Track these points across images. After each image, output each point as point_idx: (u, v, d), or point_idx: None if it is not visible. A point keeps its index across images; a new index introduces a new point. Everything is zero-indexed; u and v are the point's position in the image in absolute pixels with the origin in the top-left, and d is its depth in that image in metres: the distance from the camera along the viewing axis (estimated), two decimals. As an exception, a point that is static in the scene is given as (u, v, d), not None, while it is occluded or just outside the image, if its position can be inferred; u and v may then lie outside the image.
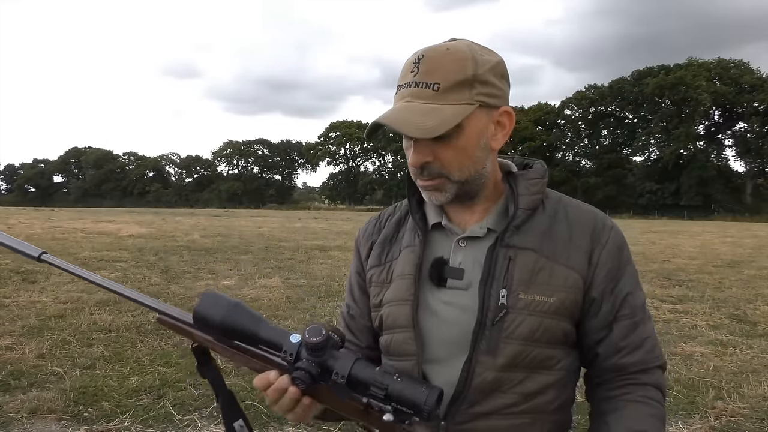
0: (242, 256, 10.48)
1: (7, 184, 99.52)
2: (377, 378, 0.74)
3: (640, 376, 0.92)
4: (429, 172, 0.89)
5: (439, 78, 0.84)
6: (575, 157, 65.54)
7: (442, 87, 0.84)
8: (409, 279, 0.95)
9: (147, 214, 33.24)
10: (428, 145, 0.87)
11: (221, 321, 0.80)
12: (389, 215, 1.08)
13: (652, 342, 0.94)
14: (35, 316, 5.18)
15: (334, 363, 0.75)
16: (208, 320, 0.81)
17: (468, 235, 0.94)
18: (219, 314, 0.80)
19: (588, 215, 0.96)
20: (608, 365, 0.93)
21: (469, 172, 0.90)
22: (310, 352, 0.75)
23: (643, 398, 0.90)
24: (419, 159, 0.87)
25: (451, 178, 0.89)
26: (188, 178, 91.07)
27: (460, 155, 0.88)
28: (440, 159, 0.87)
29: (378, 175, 78.25)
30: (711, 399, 3.42)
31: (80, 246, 11.47)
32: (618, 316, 0.92)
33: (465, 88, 0.85)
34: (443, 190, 0.90)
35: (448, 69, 0.85)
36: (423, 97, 0.85)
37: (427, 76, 0.85)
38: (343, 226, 22.94)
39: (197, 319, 0.82)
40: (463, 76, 0.85)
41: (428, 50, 0.87)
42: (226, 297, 0.82)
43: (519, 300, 0.88)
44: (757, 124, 53.27)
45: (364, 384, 0.75)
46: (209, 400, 3.28)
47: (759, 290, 7.54)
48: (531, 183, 0.94)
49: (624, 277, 0.93)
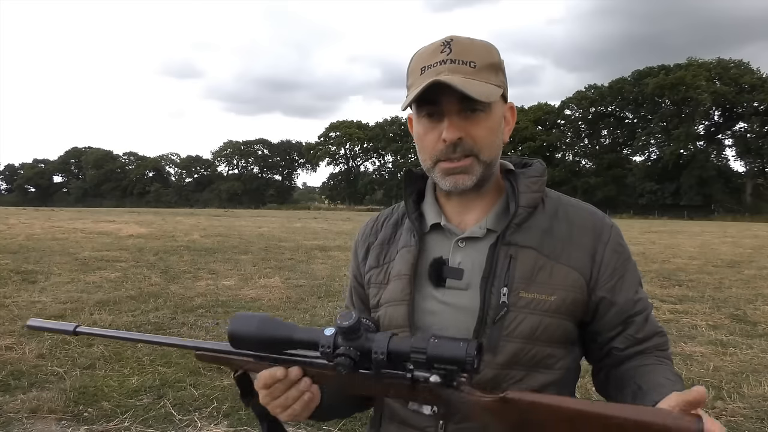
0: (242, 256, 10.48)
1: (7, 184, 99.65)
2: (415, 345, 0.75)
3: (657, 352, 0.95)
4: (462, 148, 0.89)
5: (474, 58, 0.88)
6: (575, 157, 65.53)
7: (478, 65, 0.88)
8: (405, 279, 0.95)
9: (147, 214, 33.24)
10: (461, 122, 0.88)
11: (256, 334, 0.82)
12: (386, 217, 1.08)
13: (661, 327, 0.98)
14: (35, 316, 5.17)
15: (371, 343, 0.77)
16: (243, 337, 0.83)
17: (467, 236, 0.95)
18: (252, 328, 0.83)
19: (587, 214, 0.97)
20: (626, 354, 0.95)
21: (493, 155, 0.92)
22: (345, 336, 0.77)
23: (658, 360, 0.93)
24: (456, 133, 0.88)
25: (480, 157, 0.90)
26: (188, 178, 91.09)
27: (489, 135, 0.90)
28: (472, 136, 0.89)
29: (378, 175, 78.24)
30: (711, 399, 3.42)
31: (80, 246, 11.46)
32: (633, 312, 0.94)
33: (494, 71, 0.90)
34: (470, 173, 0.91)
35: (480, 53, 0.89)
36: (462, 72, 0.87)
37: (462, 55, 0.88)
38: (343, 226, 22.94)
39: (233, 339, 0.84)
40: (492, 60, 0.90)
41: (454, 36, 0.90)
42: (254, 314, 0.85)
43: (520, 298, 0.88)
44: (757, 124, 53.24)
45: (404, 355, 0.75)
46: (209, 400, 3.28)
47: (759, 290, 7.54)
48: (531, 181, 0.95)
49: (629, 273, 0.95)
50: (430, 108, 0.89)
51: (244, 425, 2.99)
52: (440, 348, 0.73)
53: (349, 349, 0.77)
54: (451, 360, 0.73)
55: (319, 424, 3.00)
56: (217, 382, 3.55)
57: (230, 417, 3.09)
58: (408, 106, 0.91)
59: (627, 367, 0.94)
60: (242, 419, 3.06)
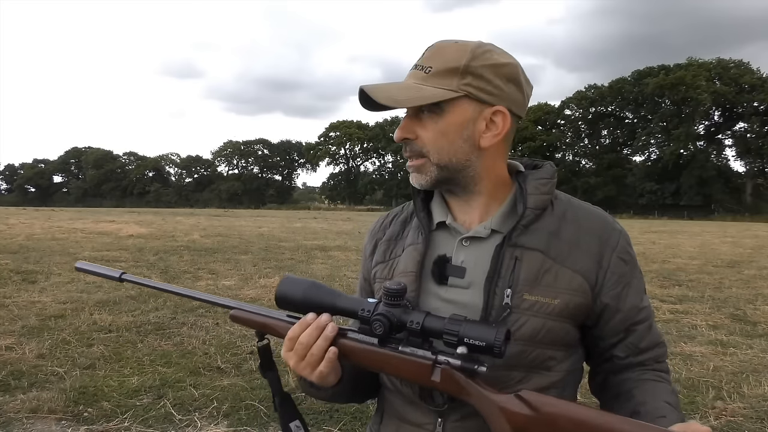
0: (242, 256, 10.49)
1: (7, 184, 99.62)
2: (448, 324, 0.79)
3: (655, 365, 0.96)
4: (410, 149, 0.93)
5: (434, 63, 0.90)
6: (575, 157, 65.51)
7: (432, 71, 0.90)
8: (411, 276, 0.95)
9: (147, 214, 33.25)
10: (412, 124, 0.92)
11: (303, 297, 0.88)
12: (396, 214, 1.10)
13: (662, 338, 0.98)
14: (35, 316, 5.18)
15: (408, 316, 0.82)
16: (290, 299, 0.89)
17: (471, 235, 0.95)
18: (300, 291, 0.88)
19: (597, 218, 0.96)
20: (627, 363, 0.95)
21: (447, 157, 0.92)
22: (387, 300, 0.82)
23: (658, 377, 0.94)
24: (401, 134, 0.93)
25: (431, 159, 0.92)
26: (188, 178, 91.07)
27: (438, 138, 0.91)
28: (421, 138, 0.92)
29: (378, 175, 78.25)
30: (711, 399, 3.42)
31: (80, 246, 11.47)
32: (636, 320, 0.94)
33: (453, 75, 0.89)
34: (422, 172, 0.93)
35: (445, 57, 0.90)
36: (415, 78, 0.91)
37: (427, 60, 0.91)
38: (343, 226, 22.95)
39: (280, 299, 0.90)
40: (454, 64, 0.89)
41: (442, 41, 0.93)
42: (303, 278, 0.90)
43: (523, 300, 0.88)
44: (757, 124, 53.22)
45: (437, 332, 0.80)
46: (209, 400, 3.28)
47: (759, 290, 7.54)
48: (540, 183, 0.95)
49: (635, 280, 0.95)
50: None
51: (244, 425, 2.99)
52: (472, 329, 0.78)
53: (389, 312, 0.81)
54: (481, 338, 0.77)
55: (319, 423, 3.00)
56: (217, 382, 3.55)
57: (230, 417, 3.09)
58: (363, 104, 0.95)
59: (626, 378, 0.94)
60: (242, 419, 3.06)
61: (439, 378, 0.81)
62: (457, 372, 0.80)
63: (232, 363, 3.96)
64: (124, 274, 1.01)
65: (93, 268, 1.04)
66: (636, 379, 0.93)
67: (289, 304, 0.89)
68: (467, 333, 0.77)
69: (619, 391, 0.94)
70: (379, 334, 0.82)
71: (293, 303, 0.88)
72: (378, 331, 0.81)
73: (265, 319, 0.93)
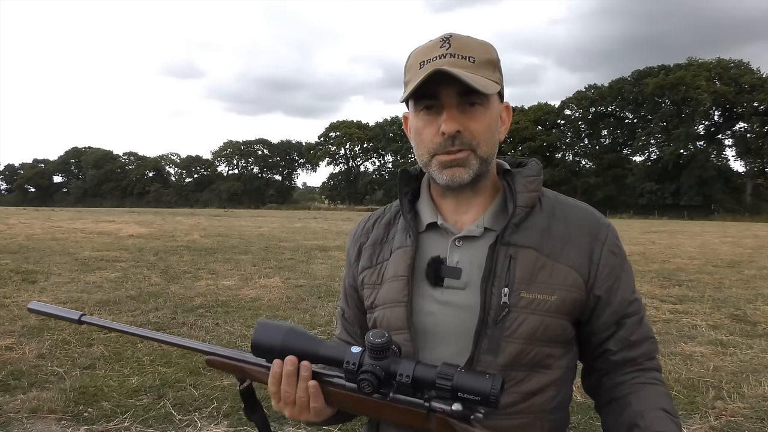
0: (242, 256, 10.48)
1: (7, 184, 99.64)
2: (441, 372, 0.75)
3: (646, 363, 0.95)
4: (461, 141, 0.88)
5: (473, 53, 0.89)
6: (575, 157, 65.49)
7: (477, 61, 0.88)
8: (403, 280, 0.94)
9: (147, 214, 33.24)
10: (459, 115, 0.88)
11: (282, 345, 0.82)
12: (378, 217, 1.07)
13: (652, 332, 0.98)
14: (35, 316, 5.18)
15: (397, 366, 0.77)
16: (266, 348, 0.83)
17: (464, 235, 0.94)
18: (278, 339, 0.83)
19: (585, 213, 0.97)
20: (619, 358, 0.95)
21: (490, 151, 0.92)
22: (373, 354, 0.77)
23: (653, 380, 0.94)
24: (454, 126, 0.87)
25: (478, 152, 0.90)
26: (188, 178, 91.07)
27: (487, 130, 0.90)
28: (470, 130, 0.89)
29: (378, 175, 78.22)
30: (711, 399, 3.42)
31: (80, 246, 11.46)
32: (627, 313, 0.94)
33: (492, 68, 0.90)
34: (467, 166, 0.90)
35: (478, 49, 0.90)
36: (462, 66, 0.87)
37: (462, 50, 0.88)
38: (343, 226, 22.93)
39: (256, 348, 0.84)
40: (489, 57, 0.90)
41: (453, 33, 0.91)
42: (279, 323, 0.85)
43: (521, 299, 0.88)
44: (757, 124, 53.19)
45: (429, 382, 0.76)
46: (209, 400, 3.28)
47: (759, 290, 7.54)
48: (528, 180, 0.95)
49: (625, 273, 0.95)
50: (429, 101, 0.89)
51: (244, 425, 2.99)
52: (467, 379, 0.74)
53: (375, 367, 0.77)
54: (476, 392, 0.74)
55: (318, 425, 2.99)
56: (217, 382, 3.55)
57: (230, 417, 3.09)
58: (407, 99, 0.91)
59: (620, 381, 0.94)
60: (242, 419, 3.06)
61: (434, 425, 0.78)
62: (452, 420, 0.77)
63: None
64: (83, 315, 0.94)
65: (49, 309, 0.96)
66: (631, 383, 0.93)
67: (266, 353, 0.84)
68: (461, 385, 0.74)
69: (615, 396, 0.94)
70: (368, 393, 0.78)
71: (271, 352, 0.83)
72: (367, 391, 0.78)
73: (243, 365, 0.88)
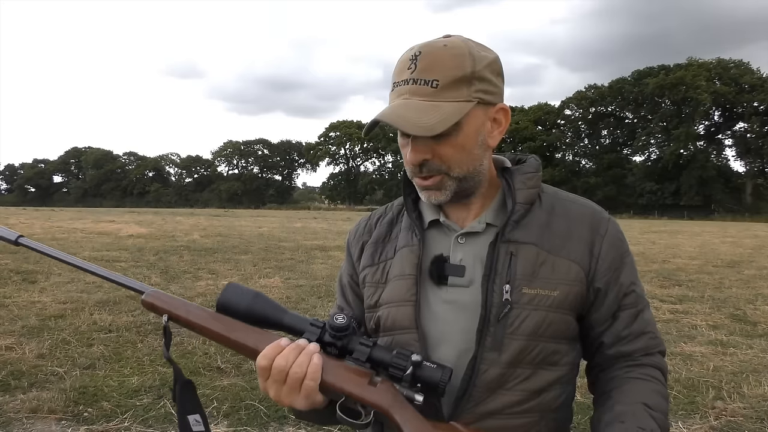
0: (242, 256, 10.48)
1: (7, 184, 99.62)
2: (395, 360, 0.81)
3: (643, 358, 0.93)
4: (428, 168, 0.88)
5: (438, 75, 0.83)
6: (575, 157, 65.53)
7: (441, 84, 0.83)
8: (411, 279, 0.93)
9: (147, 214, 33.23)
10: (427, 142, 0.86)
11: (246, 309, 0.86)
12: (380, 216, 1.07)
13: (653, 329, 0.95)
14: (35, 316, 5.18)
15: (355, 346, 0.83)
16: (232, 308, 0.87)
17: (467, 231, 0.94)
18: (244, 303, 0.86)
19: (584, 208, 0.96)
20: (612, 353, 0.94)
21: (468, 169, 0.89)
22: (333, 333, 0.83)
23: (645, 375, 0.91)
24: (418, 157, 0.87)
25: (451, 174, 0.88)
26: (188, 178, 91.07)
27: (459, 152, 0.87)
28: (439, 156, 0.87)
29: (378, 175, 78.21)
30: (711, 399, 3.42)
31: (80, 246, 11.46)
32: (622, 305, 0.93)
33: (463, 85, 0.84)
34: (442, 188, 0.89)
35: (447, 66, 0.83)
36: (421, 95, 0.83)
37: (425, 72, 0.83)
38: (343, 226, 22.93)
39: (222, 307, 0.87)
40: (461, 72, 0.83)
41: (425, 46, 0.85)
42: (248, 288, 0.88)
43: (523, 295, 0.87)
44: (757, 124, 53.21)
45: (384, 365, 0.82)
46: (209, 400, 3.28)
47: (759, 290, 7.54)
48: (527, 177, 0.94)
49: (626, 266, 0.94)
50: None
51: (244, 425, 2.99)
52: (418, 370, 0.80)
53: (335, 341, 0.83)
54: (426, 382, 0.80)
55: (318, 425, 2.99)
56: (217, 382, 3.55)
57: (230, 417, 3.09)
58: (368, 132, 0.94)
59: (612, 376, 0.93)
60: (242, 419, 3.06)
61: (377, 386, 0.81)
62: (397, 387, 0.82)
63: (232, 363, 3.95)
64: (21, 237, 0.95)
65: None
66: (621, 377, 0.92)
67: (231, 314, 0.87)
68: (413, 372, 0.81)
69: (603, 390, 0.93)
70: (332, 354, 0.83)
71: (236, 313, 0.86)
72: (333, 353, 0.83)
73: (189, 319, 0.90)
